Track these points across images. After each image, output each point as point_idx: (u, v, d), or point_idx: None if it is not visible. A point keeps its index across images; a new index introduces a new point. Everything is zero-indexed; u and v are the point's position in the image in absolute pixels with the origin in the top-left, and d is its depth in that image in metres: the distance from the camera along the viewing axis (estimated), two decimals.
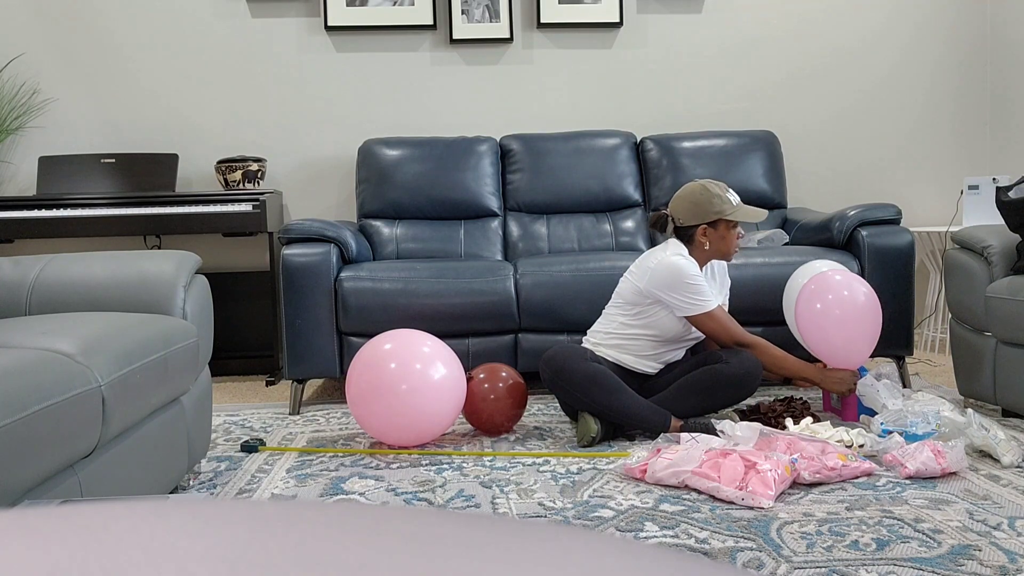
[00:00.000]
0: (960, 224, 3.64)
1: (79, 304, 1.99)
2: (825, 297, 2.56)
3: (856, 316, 2.54)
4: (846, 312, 2.54)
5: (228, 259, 3.86)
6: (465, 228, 3.55)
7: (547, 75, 3.94)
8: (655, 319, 2.52)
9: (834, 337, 2.55)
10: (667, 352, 2.61)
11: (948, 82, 4.10)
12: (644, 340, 2.56)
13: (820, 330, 2.57)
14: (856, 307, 2.54)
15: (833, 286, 2.57)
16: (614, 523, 1.80)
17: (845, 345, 2.55)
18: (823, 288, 2.58)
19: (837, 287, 2.57)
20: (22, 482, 1.27)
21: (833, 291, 2.56)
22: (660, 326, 2.53)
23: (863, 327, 2.56)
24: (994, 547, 1.61)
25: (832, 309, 2.55)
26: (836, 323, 2.55)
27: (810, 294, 2.59)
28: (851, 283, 2.58)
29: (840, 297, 2.55)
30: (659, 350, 2.59)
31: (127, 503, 0.29)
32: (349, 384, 2.41)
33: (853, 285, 2.58)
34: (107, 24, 3.80)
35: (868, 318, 2.56)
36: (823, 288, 2.58)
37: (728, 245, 2.58)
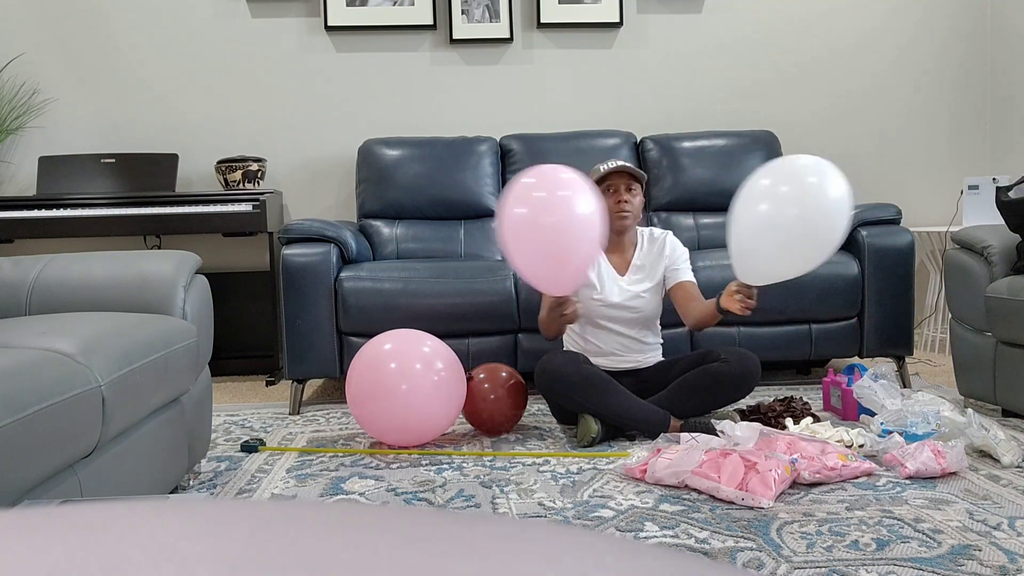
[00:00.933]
0: (960, 224, 3.64)
1: (79, 304, 1.99)
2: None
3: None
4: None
5: (228, 259, 3.86)
6: (465, 228, 3.55)
7: (547, 75, 3.94)
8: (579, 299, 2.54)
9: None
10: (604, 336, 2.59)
11: (948, 82, 4.10)
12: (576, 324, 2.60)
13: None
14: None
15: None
16: (614, 523, 1.80)
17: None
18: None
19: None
20: (22, 482, 1.27)
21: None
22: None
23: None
24: (994, 547, 1.61)
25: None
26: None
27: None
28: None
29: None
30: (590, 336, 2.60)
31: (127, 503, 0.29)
32: (349, 384, 2.41)
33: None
34: (107, 24, 3.80)
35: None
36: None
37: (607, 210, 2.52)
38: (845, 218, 2.10)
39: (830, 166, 2.12)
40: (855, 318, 3.07)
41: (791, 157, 2.20)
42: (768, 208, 2.10)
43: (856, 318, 3.07)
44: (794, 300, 3.00)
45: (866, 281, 3.03)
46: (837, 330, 3.05)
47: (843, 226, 2.11)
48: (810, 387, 3.12)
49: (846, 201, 2.10)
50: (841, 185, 2.10)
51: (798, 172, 2.11)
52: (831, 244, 2.11)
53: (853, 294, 3.02)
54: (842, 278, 3.01)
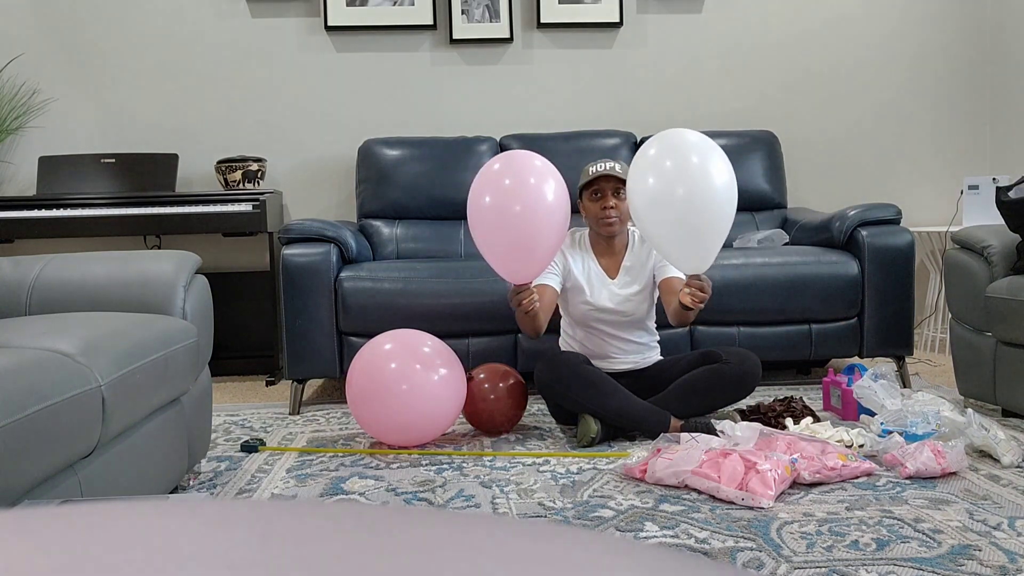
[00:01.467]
0: (960, 224, 3.64)
1: (79, 304, 1.99)
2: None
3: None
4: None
5: (228, 259, 3.86)
6: (465, 228, 3.55)
7: (547, 75, 3.94)
8: (564, 297, 2.60)
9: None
10: (596, 338, 2.60)
11: (948, 82, 4.10)
12: (568, 326, 2.65)
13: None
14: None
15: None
16: (614, 523, 1.80)
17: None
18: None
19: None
20: (22, 482, 1.27)
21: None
22: (562, 304, 2.62)
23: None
24: (994, 547, 1.61)
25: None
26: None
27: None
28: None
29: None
30: (584, 339, 2.61)
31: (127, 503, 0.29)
32: (349, 384, 2.41)
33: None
34: (107, 24, 3.80)
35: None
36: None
37: (590, 215, 2.56)
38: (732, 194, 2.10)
39: (713, 146, 2.11)
40: (855, 318, 3.07)
41: (675, 133, 2.17)
42: (655, 195, 2.10)
43: (856, 318, 3.07)
44: (794, 300, 3.00)
45: (866, 281, 3.03)
46: (837, 330, 3.05)
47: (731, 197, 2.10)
48: (810, 387, 3.12)
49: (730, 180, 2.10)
50: (724, 168, 2.09)
51: (683, 150, 2.10)
52: (725, 216, 2.10)
53: (853, 294, 3.02)
54: (842, 278, 3.01)
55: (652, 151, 2.13)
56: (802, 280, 2.99)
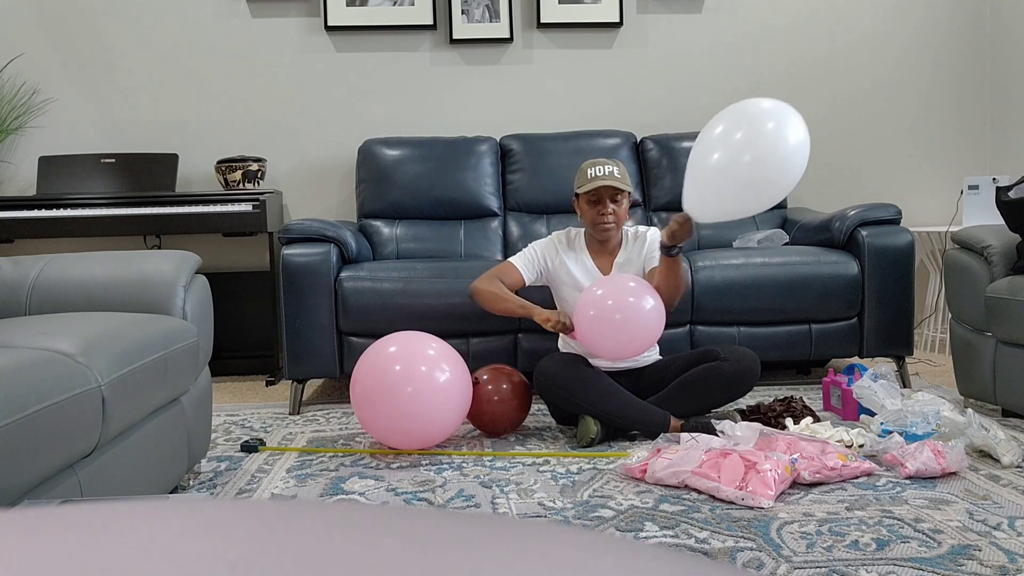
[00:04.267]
0: (960, 224, 3.64)
1: (79, 304, 1.99)
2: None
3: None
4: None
5: (228, 259, 3.86)
6: (465, 228, 3.55)
7: (547, 75, 3.94)
8: (560, 295, 2.64)
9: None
10: None
11: (948, 82, 4.10)
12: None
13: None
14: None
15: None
16: (614, 523, 1.80)
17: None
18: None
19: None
20: (22, 482, 1.27)
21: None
22: (560, 304, 2.65)
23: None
24: (994, 547, 1.61)
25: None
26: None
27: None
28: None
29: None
30: None
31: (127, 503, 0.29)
32: (353, 386, 2.40)
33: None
34: (107, 24, 3.80)
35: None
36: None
37: (586, 218, 2.59)
38: (801, 164, 2.10)
39: (790, 111, 2.11)
40: (855, 318, 3.07)
41: (752, 101, 2.17)
42: (721, 156, 2.10)
43: (856, 318, 3.07)
44: (794, 300, 3.00)
45: (866, 281, 3.03)
46: (837, 330, 3.05)
47: (798, 172, 2.11)
48: (810, 387, 3.12)
49: (803, 147, 2.09)
50: (800, 130, 2.09)
51: (756, 117, 2.11)
52: (784, 190, 2.13)
53: (853, 294, 3.02)
54: (842, 278, 3.01)
55: (720, 126, 2.16)
56: (802, 280, 2.99)
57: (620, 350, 2.41)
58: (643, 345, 2.42)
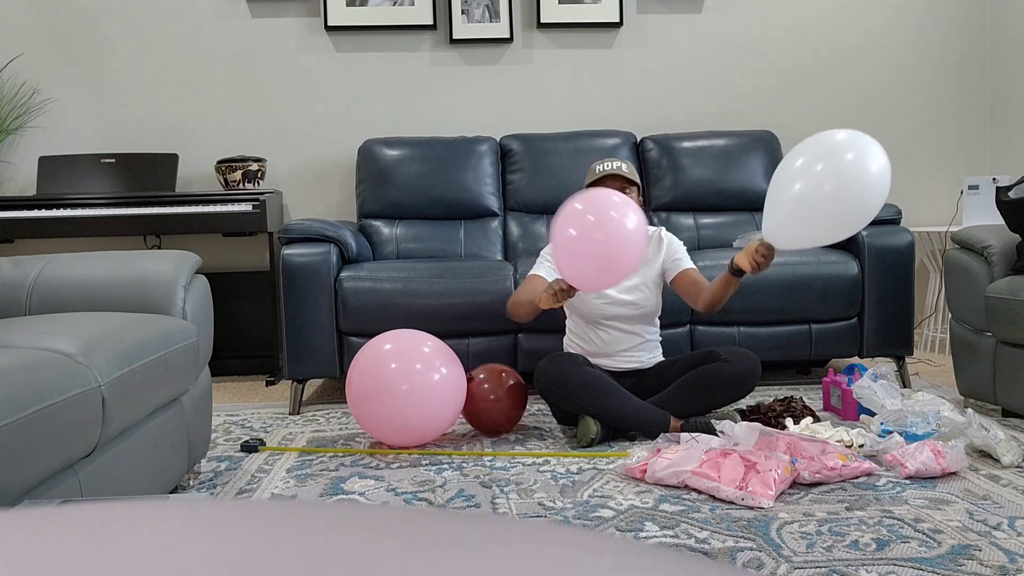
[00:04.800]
0: (960, 224, 3.64)
1: (79, 304, 1.99)
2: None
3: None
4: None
5: (228, 259, 3.86)
6: (465, 228, 3.55)
7: (547, 75, 3.94)
8: (577, 300, 2.57)
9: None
10: (604, 335, 2.59)
11: (948, 82, 4.10)
12: (575, 326, 2.64)
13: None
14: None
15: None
16: (614, 523, 1.80)
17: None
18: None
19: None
20: (22, 482, 1.27)
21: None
22: (573, 305, 2.59)
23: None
24: (994, 547, 1.61)
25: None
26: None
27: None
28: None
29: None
30: (592, 336, 2.60)
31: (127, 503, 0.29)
32: (349, 384, 2.41)
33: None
34: (107, 24, 3.80)
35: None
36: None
37: None
38: (882, 191, 2.08)
39: (869, 140, 2.10)
40: (855, 318, 3.07)
41: (829, 133, 2.16)
42: (802, 187, 2.09)
43: (856, 318, 3.07)
44: (794, 300, 3.00)
45: (866, 281, 3.03)
46: (837, 330, 3.05)
47: (880, 199, 2.08)
48: (810, 387, 3.12)
49: (884, 175, 2.08)
50: (880, 159, 2.07)
51: (834, 149, 2.09)
52: (866, 218, 2.10)
53: (853, 294, 3.02)
54: (842, 278, 3.01)
55: (802, 158, 2.11)
56: (802, 280, 2.99)
57: (601, 275, 2.23)
58: (625, 269, 2.23)
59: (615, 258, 2.17)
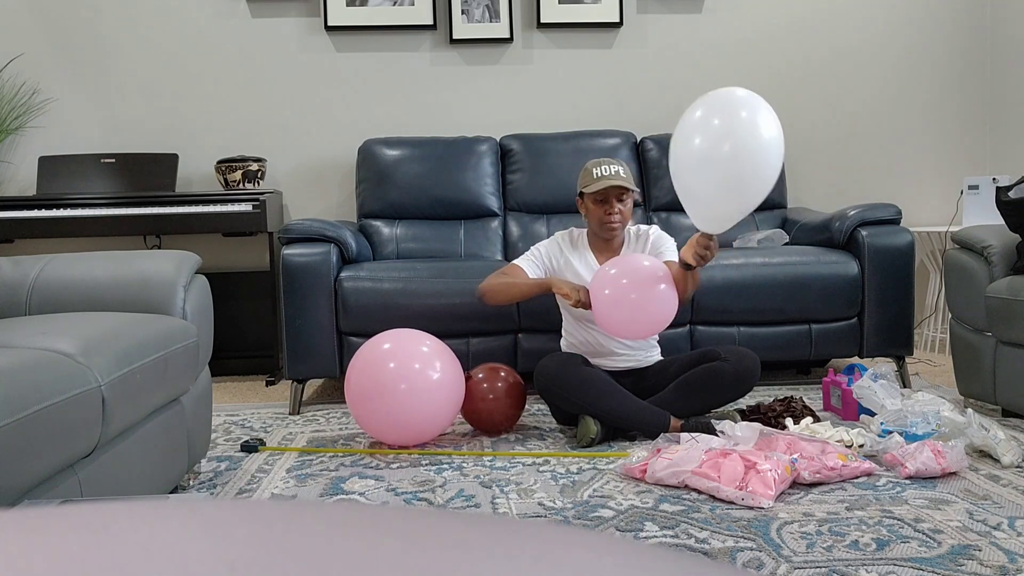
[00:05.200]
0: (960, 224, 3.64)
1: (79, 304, 1.99)
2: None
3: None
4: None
5: (228, 259, 3.86)
6: (465, 228, 3.55)
7: (547, 75, 3.94)
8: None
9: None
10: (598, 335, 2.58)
11: (948, 82, 4.10)
12: (570, 326, 2.65)
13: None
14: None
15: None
16: (614, 523, 1.80)
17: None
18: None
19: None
20: (22, 482, 1.27)
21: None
22: (566, 305, 2.61)
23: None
24: (994, 547, 1.61)
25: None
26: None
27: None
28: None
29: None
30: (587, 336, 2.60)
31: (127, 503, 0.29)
32: (348, 384, 2.41)
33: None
34: (107, 24, 3.80)
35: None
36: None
37: (592, 218, 2.59)
38: (778, 153, 2.08)
39: (761, 101, 2.09)
40: (855, 318, 3.07)
41: (724, 90, 2.14)
42: (701, 144, 2.08)
43: (856, 318, 3.07)
44: (794, 300, 3.00)
45: (866, 281, 3.03)
46: (837, 330, 3.05)
47: (778, 161, 2.08)
48: (810, 387, 3.12)
49: (777, 137, 2.08)
50: (772, 122, 2.06)
51: (731, 105, 2.09)
52: (768, 179, 2.09)
53: (853, 294, 3.02)
54: (842, 278, 3.01)
55: (699, 112, 2.11)
56: (802, 280, 2.99)
57: (634, 329, 2.37)
58: (656, 325, 2.36)
59: (643, 324, 2.33)
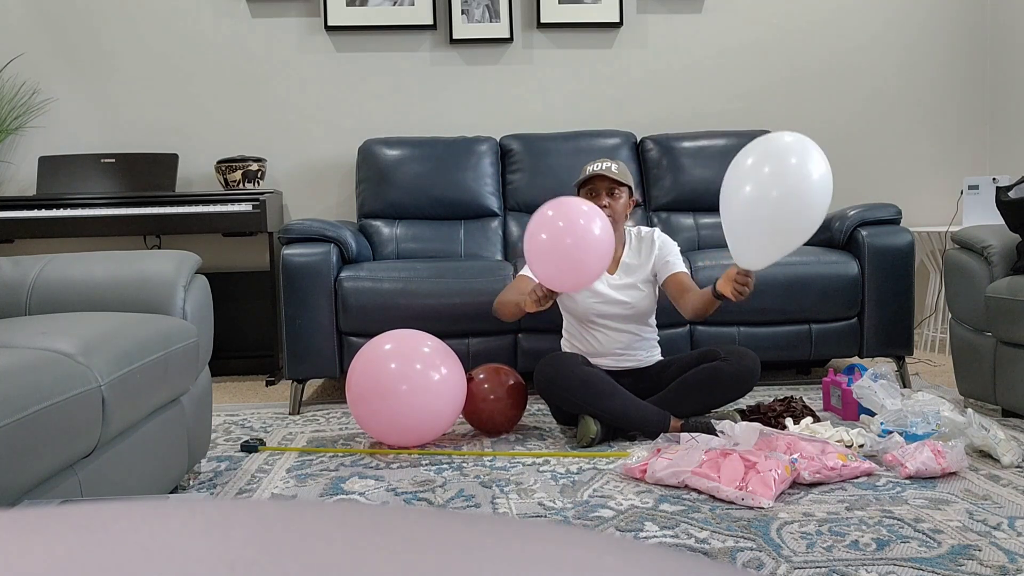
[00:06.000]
0: (960, 224, 3.64)
1: (79, 304, 1.99)
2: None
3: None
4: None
5: (228, 259, 3.86)
6: (465, 228, 3.55)
7: (547, 75, 3.94)
8: (571, 299, 2.59)
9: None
10: (599, 335, 2.58)
11: (948, 82, 4.10)
12: (570, 326, 2.64)
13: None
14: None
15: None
16: (614, 523, 1.80)
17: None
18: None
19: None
20: (22, 482, 1.27)
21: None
22: (566, 305, 2.61)
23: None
24: (994, 547, 1.61)
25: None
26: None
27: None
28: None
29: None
30: (587, 336, 2.60)
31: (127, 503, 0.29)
32: (349, 384, 2.41)
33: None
34: (107, 24, 3.80)
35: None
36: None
37: None
38: (827, 194, 2.09)
39: (811, 144, 2.10)
40: (855, 318, 3.07)
41: (773, 136, 2.16)
42: (751, 190, 2.09)
43: (856, 318, 3.07)
44: (794, 300, 3.00)
45: (866, 281, 3.03)
46: (837, 330, 3.05)
47: (825, 202, 2.09)
48: (810, 387, 3.12)
49: (827, 178, 2.08)
50: (822, 164, 2.07)
51: (780, 152, 2.09)
52: (814, 222, 2.11)
53: (853, 294, 3.02)
54: (842, 278, 3.01)
55: (750, 159, 2.11)
56: (802, 280, 2.99)
57: (568, 276, 2.25)
58: (592, 271, 2.25)
59: (583, 260, 2.20)
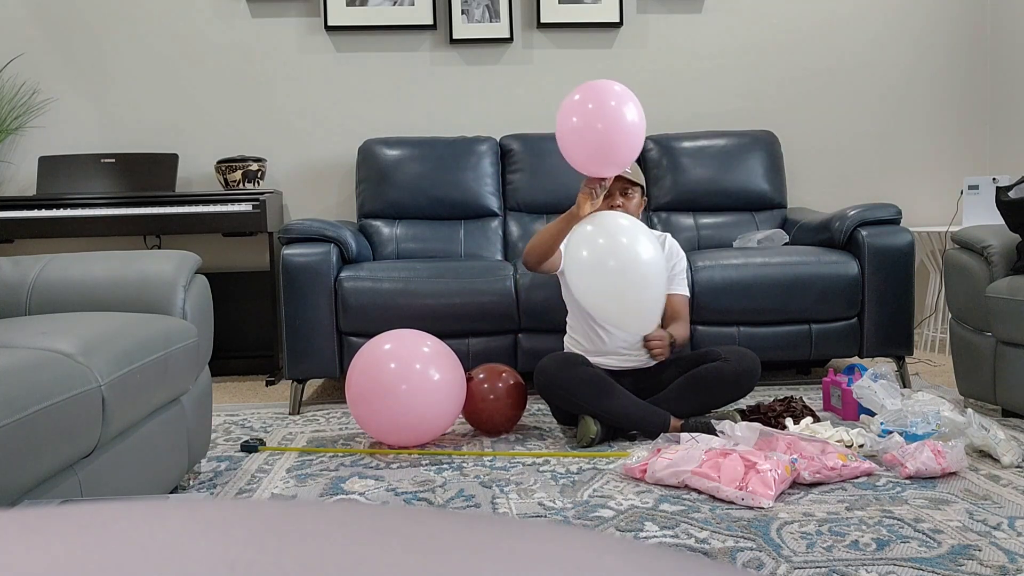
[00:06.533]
0: (960, 224, 3.64)
1: (79, 304, 1.99)
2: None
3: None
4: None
5: (228, 259, 3.86)
6: (465, 228, 3.55)
7: (547, 75, 3.94)
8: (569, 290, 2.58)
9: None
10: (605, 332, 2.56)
11: (948, 82, 4.10)
12: (575, 324, 2.63)
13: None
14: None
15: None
16: (614, 523, 1.80)
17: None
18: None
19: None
20: (22, 482, 1.27)
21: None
22: (574, 301, 2.60)
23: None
24: (994, 547, 1.61)
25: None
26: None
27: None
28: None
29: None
30: (592, 333, 2.58)
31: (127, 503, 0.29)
32: (349, 384, 2.41)
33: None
34: (107, 24, 3.80)
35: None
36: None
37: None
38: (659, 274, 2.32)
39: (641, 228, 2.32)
40: (855, 318, 3.07)
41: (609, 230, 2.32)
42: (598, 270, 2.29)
43: (856, 318, 3.07)
44: (794, 300, 3.00)
45: (866, 281, 3.03)
46: (837, 330, 3.05)
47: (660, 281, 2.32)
48: (810, 387, 3.12)
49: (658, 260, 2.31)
50: (649, 248, 2.29)
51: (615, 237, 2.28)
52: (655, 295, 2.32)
53: (853, 294, 3.02)
54: (842, 278, 3.01)
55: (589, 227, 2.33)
56: (802, 280, 2.99)
57: (601, 160, 2.33)
58: (626, 158, 2.34)
59: (615, 138, 2.30)
